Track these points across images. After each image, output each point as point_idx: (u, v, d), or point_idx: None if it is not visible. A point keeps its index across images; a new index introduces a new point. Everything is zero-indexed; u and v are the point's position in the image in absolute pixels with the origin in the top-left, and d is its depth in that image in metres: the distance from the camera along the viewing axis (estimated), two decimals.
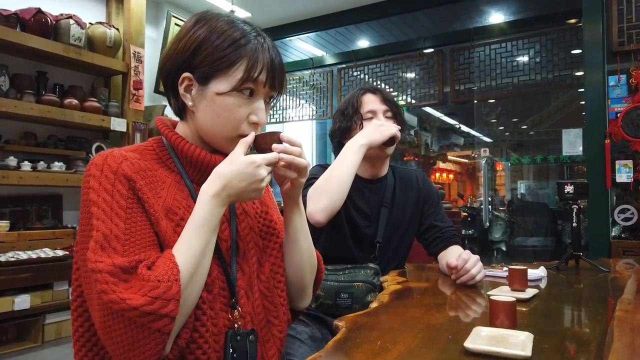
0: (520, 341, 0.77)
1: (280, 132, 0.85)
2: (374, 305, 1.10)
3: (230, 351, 0.82)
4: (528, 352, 0.72)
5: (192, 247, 0.76)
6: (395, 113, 1.60)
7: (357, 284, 1.39)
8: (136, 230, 0.76)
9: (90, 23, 3.62)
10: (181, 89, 0.87)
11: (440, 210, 1.65)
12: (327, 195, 1.37)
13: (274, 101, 0.95)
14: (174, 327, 0.72)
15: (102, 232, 0.73)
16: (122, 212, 0.76)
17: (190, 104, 0.87)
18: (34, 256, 2.97)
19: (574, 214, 1.60)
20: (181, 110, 0.91)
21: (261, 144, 0.84)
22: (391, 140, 1.52)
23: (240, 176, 0.79)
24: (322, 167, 1.58)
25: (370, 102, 1.59)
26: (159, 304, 0.69)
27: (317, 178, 1.48)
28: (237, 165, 0.80)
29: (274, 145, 0.83)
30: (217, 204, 0.79)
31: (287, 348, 1.30)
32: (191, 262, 0.75)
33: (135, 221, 0.77)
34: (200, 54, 0.84)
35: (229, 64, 0.83)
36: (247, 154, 0.82)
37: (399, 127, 1.54)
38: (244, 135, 0.85)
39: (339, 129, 1.61)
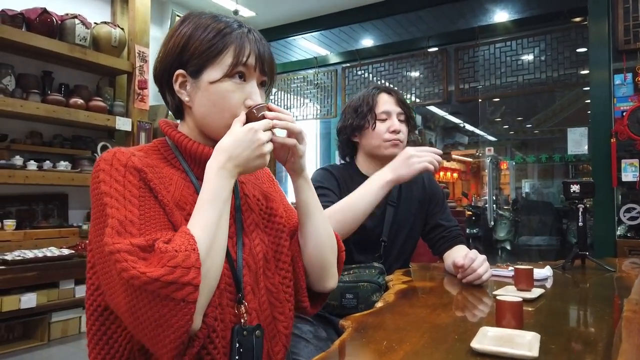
0: (527, 341, 0.77)
1: (269, 104, 0.87)
2: (379, 305, 1.10)
3: (237, 346, 0.82)
4: (535, 353, 0.72)
5: (206, 219, 0.77)
6: (408, 116, 1.59)
7: (362, 284, 1.39)
8: (150, 215, 0.77)
9: (95, 23, 3.63)
10: (176, 86, 0.89)
11: (445, 209, 1.64)
12: (340, 223, 1.33)
13: (268, 88, 0.96)
14: (200, 299, 0.72)
15: (117, 218, 0.74)
16: (135, 200, 0.77)
17: (186, 99, 0.89)
18: (40, 255, 2.99)
19: (579, 214, 1.60)
20: (179, 109, 0.93)
21: (253, 120, 0.86)
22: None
23: (242, 144, 0.81)
24: (325, 170, 1.57)
25: (386, 102, 1.57)
26: (179, 272, 0.69)
27: (323, 185, 1.47)
28: (237, 135, 0.82)
29: (266, 113, 0.86)
30: (225, 176, 0.80)
31: (292, 347, 1.30)
32: (207, 233, 0.76)
33: (149, 207, 0.78)
34: (189, 49, 0.86)
35: (217, 52, 0.85)
36: None
37: (439, 154, 1.41)
38: None
39: (350, 126, 1.58)
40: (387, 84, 4.90)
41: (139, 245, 0.71)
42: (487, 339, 0.78)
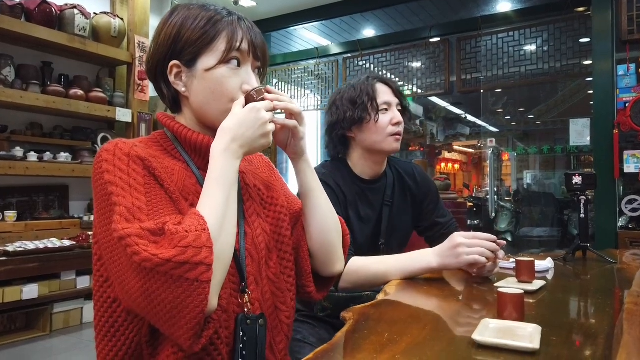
0: (528, 333, 0.76)
1: (266, 86, 0.88)
2: (380, 296, 1.10)
3: (241, 334, 0.82)
4: (536, 345, 0.72)
5: (214, 200, 0.77)
6: (404, 107, 1.52)
7: (366, 293, 1.38)
8: (157, 202, 0.77)
9: (94, 13, 3.61)
10: (171, 78, 0.88)
11: (440, 204, 1.61)
12: (361, 279, 1.28)
13: (263, 73, 0.95)
14: (214, 279, 0.71)
15: (125, 206, 0.73)
16: (141, 188, 0.77)
17: (183, 89, 0.88)
18: (42, 246, 3.00)
19: (581, 205, 1.59)
20: (176, 100, 0.92)
21: (252, 102, 0.85)
22: None
23: (245, 124, 0.81)
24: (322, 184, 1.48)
25: (384, 93, 1.48)
26: (191, 252, 0.68)
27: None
28: (239, 115, 0.82)
29: (266, 95, 0.86)
30: (230, 156, 0.80)
31: (297, 354, 1.29)
32: (217, 213, 0.76)
33: (155, 195, 0.77)
34: (181, 38, 0.86)
35: (210, 40, 0.85)
36: None
37: (492, 240, 1.21)
38: None
39: (349, 119, 1.45)
40: (388, 74, 4.87)
41: (149, 229, 0.71)
42: (488, 331, 0.78)
